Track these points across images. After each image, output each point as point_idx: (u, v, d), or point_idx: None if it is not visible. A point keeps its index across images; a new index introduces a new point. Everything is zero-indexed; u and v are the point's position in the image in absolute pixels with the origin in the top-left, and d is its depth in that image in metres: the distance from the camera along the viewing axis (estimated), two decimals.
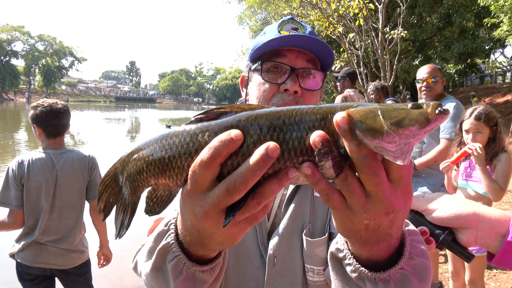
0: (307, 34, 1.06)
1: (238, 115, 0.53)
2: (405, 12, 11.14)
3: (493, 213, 0.77)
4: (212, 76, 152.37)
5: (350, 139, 0.48)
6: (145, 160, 0.56)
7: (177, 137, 0.54)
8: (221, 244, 0.60)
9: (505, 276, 4.06)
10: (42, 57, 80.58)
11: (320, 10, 10.47)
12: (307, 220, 1.02)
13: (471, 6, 16.84)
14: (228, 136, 0.49)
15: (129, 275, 4.28)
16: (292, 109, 0.52)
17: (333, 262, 0.76)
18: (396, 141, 0.46)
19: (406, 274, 0.65)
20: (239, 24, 31.53)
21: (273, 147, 0.48)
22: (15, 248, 2.63)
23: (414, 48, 17.39)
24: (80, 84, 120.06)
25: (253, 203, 0.51)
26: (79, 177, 2.75)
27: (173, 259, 0.66)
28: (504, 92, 20.87)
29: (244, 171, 0.49)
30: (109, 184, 0.62)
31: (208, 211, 0.52)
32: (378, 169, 0.49)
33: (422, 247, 0.73)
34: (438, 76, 3.77)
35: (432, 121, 0.48)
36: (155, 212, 0.60)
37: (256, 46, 1.06)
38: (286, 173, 0.50)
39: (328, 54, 1.05)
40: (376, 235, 0.57)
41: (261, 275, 1.00)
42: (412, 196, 0.56)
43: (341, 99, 5.14)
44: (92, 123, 27.51)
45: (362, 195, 0.51)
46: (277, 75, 1.03)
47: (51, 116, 2.64)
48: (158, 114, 52.70)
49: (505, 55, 39.66)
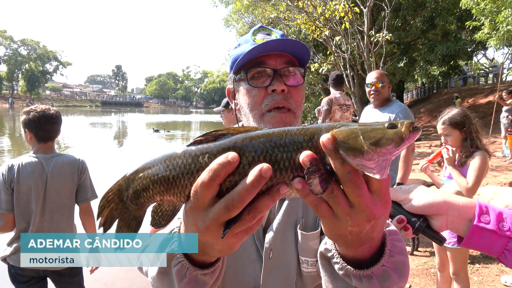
0: (279, 37, 1.12)
1: (234, 138, 0.59)
2: (390, 15, 11.36)
3: (461, 200, 0.85)
4: (199, 80, 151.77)
5: (335, 158, 0.54)
6: (151, 179, 0.61)
7: (180, 158, 0.60)
8: (220, 252, 0.67)
9: (487, 270, 4.17)
10: (25, 61, 78.91)
11: (306, 13, 10.59)
12: (300, 215, 1.07)
13: (453, 9, 17.21)
14: (225, 158, 0.55)
15: (121, 277, 4.27)
16: (282, 131, 0.58)
17: (322, 260, 0.84)
18: (375, 159, 0.53)
19: (387, 270, 0.73)
20: (226, 27, 31.56)
21: (266, 168, 0.54)
22: (7, 251, 2.63)
23: (399, 51, 17.68)
24: (65, 89, 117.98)
25: (249, 217, 0.57)
26: (69, 181, 2.77)
27: (177, 264, 0.73)
28: (487, 93, 21.39)
29: (241, 190, 0.55)
30: (112, 199, 0.66)
31: (209, 225, 0.59)
32: (360, 183, 0.56)
33: (401, 245, 0.81)
34: (385, 81, 4.00)
35: (406, 139, 0.55)
36: (160, 225, 0.65)
37: (237, 58, 1.10)
38: (278, 190, 0.57)
39: (303, 50, 1.10)
40: (359, 238, 0.65)
41: (257, 268, 1.04)
42: (390, 205, 0.64)
43: (327, 101, 5.24)
44: (77, 128, 27.14)
45: (346, 205, 0.58)
46: (262, 79, 1.08)
47: (43, 121, 2.69)
48: (146, 118, 52.25)
49: (487, 57, 40.66)
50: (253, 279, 1.04)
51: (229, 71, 1.19)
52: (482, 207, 0.83)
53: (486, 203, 0.85)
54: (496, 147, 12.11)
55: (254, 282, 1.04)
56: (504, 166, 9.59)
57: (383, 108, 4.01)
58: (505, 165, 9.65)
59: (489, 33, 13.76)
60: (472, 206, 0.84)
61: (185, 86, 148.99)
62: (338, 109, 5.17)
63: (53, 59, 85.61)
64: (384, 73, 4.14)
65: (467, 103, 21.71)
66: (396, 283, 0.75)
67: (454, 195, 0.87)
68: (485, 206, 0.84)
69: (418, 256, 4.75)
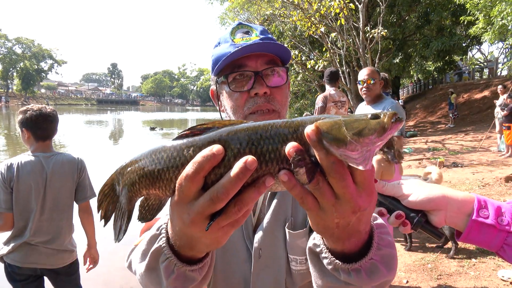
0: (259, 35, 1.11)
1: (220, 131, 0.59)
2: (385, 11, 11.36)
3: (459, 195, 0.84)
4: (195, 77, 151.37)
5: (319, 149, 0.54)
6: (137, 173, 0.62)
7: (165, 152, 0.60)
8: (208, 246, 0.66)
9: (484, 265, 4.20)
10: (20, 60, 78.44)
11: (302, 10, 10.56)
12: (289, 214, 1.07)
13: (448, 5, 17.23)
14: (210, 151, 0.55)
15: (117, 276, 4.28)
16: (268, 124, 0.58)
17: (311, 256, 0.84)
18: (358, 149, 0.53)
19: (375, 264, 0.73)
20: (222, 25, 31.45)
21: (251, 160, 0.53)
22: (4, 250, 2.63)
23: (395, 47, 17.68)
24: (60, 87, 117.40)
25: (235, 210, 0.57)
26: (69, 179, 2.77)
27: (165, 260, 0.73)
28: (482, 88, 21.47)
29: (226, 183, 0.54)
30: (107, 193, 0.67)
31: (195, 218, 0.58)
32: (344, 174, 0.56)
33: (389, 239, 0.81)
34: (376, 78, 4.05)
35: (388, 130, 0.55)
36: (147, 219, 0.65)
37: (218, 59, 1.09)
38: (263, 182, 0.56)
39: (283, 50, 1.09)
40: (346, 231, 0.64)
41: (247, 267, 1.05)
42: (376, 196, 0.64)
43: (322, 98, 5.24)
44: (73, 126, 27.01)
45: (332, 197, 0.58)
46: (243, 82, 1.07)
47: (40, 120, 2.68)
48: (142, 116, 52.06)
49: (482, 52, 40.77)
50: (244, 278, 1.05)
51: (211, 71, 1.18)
52: (480, 201, 0.83)
53: (484, 198, 0.85)
54: (491, 142, 12.19)
55: (244, 282, 1.05)
56: (500, 161, 9.66)
57: (375, 104, 4.07)
58: (501, 160, 9.72)
59: (483, 28, 13.78)
60: (470, 200, 0.84)
61: (181, 83, 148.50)
62: (333, 105, 5.18)
63: (48, 57, 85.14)
64: (376, 69, 4.19)
65: (463, 98, 21.79)
66: (385, 276, 0.75)
67: (452, 189, 0.87)
68: (484, 200, 0.84)
69: (415, 251, 4.78)
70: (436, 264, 4.33)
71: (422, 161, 10.36)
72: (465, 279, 3.95)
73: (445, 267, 4.25)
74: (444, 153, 11.57)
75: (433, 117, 22.34)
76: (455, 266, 4.23)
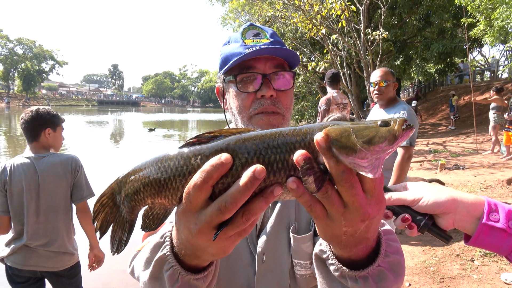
0: (269, 38, 1.12)
1: (227, 139, 0.58)
2: (386, 13, 11.35)
3: (469, 197, 0.83)
4: (196, 79, 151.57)
5: (329, 157, 0.53)
6: (142, 182, 0.60)
7: (172, 160, 0.59)
8: (214, 256, 0.65)
9: (486, 268, 4.18)
10: (21, 61, 78.48)
11: (303, 12, 10.57)
12: (292, 218, 1.07)
13: (449, 7, 17.23)
14: (218, 160, 0.54)
15: (118, 279, 4.26)
16: (275, 132, 0.57)
17: (317, 262, 0.83)
18: (368, 157, 0.52)
19: (382, 271, 0.72)
20: (223, 26, 31.51)
21: (259, 169, 0.53)
22: (4, 252, 2.63)
23: (395, 49, 17.65)
24: (61, 88, 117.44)
25: (242, 220, 0.56)
26: (63, 180, 2.73)
27: (169, 269, 0.72)
28: (483, 90, 21.44)
29: (234, 192, 0.54)
30: (106, 203, 0.65)
31: (202, 228, 0.58)
32: (354, 182, 0.55)
33: (397, 245, 0.81)
34: (390, 80, 3.74)
35: (399, 137, 0.54)
36: (151, 228, 0.64)
37: (227, 58, 1.11)
38: (271, 191, 0.55)
39: (292, 55, 1.10)
40: (354, 239, 0.64)
41: (251, 272, 1.04)
42: (385, 204, 0.63)
43: (325, 100, 5.22)
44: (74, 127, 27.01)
45: (340, 205, 0.57)
46: (250, 84, 1.08)
47: (24, 122, 2.71)
48: (142, 117, 52.08)
49: (483, 54, 40.76)
50: (247, 283, 1.04)
51: (218, 69, 1.19)
52: (491, 205, 0.82)
53: (495, 201, 0.83)
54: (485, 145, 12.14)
55: (248, 286, 1.04)
56: (501, 163, 9.63)
57: (388, 108, 3.80)
58: (502, 162, 9.69)
59: (484, 30, 13.78)
60: (480, 203, 0.82)
61: (182, 85, 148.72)
62: (336, 108, 5.16)
63: (49, 58, 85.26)
64: (390, 71, 3.86)
65: (464, 101, 21.77)
66: (392, 284, 0.74)
67: (461, 192, 0.85)
68: (494, 203, 0.82)
69: (417, 254, 4.75)
70: (438, 267, 4.30)
71: (423, 163, 10.34)
72: (468, 282, 3.92)
73: (448, 270, 4.23)
74: (445, 155, 11.54)
75: (434, 119, 22.32)
76: (457, 269, 4.21)
